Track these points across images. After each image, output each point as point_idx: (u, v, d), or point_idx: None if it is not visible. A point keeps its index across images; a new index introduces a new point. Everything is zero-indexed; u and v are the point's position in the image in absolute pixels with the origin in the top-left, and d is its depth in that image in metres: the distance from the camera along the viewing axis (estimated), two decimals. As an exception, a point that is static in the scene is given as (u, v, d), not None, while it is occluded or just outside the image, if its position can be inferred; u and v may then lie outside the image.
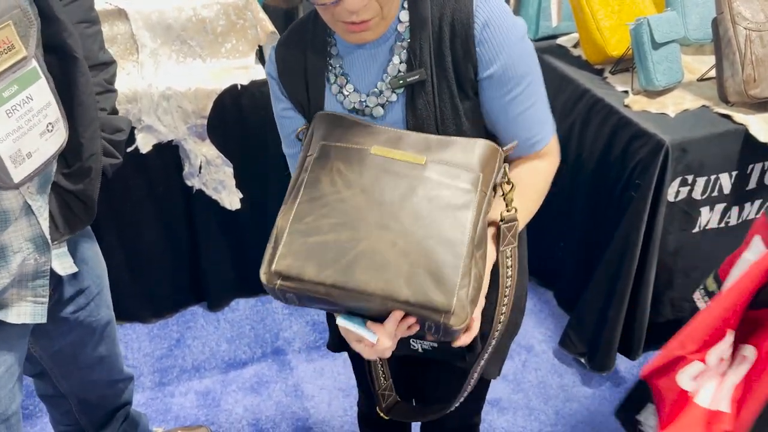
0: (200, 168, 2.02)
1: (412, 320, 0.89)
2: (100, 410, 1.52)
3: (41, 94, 0.95)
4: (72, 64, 1.01)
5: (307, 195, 0.92)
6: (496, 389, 2.02)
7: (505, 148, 0.96)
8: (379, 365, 1.17)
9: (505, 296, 1.03)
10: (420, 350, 1.10)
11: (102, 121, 1.15)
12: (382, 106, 0.99)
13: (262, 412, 1.97)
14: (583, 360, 2.09)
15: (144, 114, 1.88)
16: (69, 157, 1.06)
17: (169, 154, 1.99)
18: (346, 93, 1.01)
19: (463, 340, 0.91)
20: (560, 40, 2.26)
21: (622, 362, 2.07)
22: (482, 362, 1.07)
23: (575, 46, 2.21)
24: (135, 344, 2.20)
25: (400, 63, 0.98)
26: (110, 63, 1.20)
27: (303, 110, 1.05)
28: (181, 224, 2.14)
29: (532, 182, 1.04)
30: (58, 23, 0.98)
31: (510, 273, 1.02)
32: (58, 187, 1.07)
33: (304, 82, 1.03)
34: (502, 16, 0.94)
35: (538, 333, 2.23)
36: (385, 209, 0.89)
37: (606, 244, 1.95)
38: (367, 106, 1.00)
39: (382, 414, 1.19)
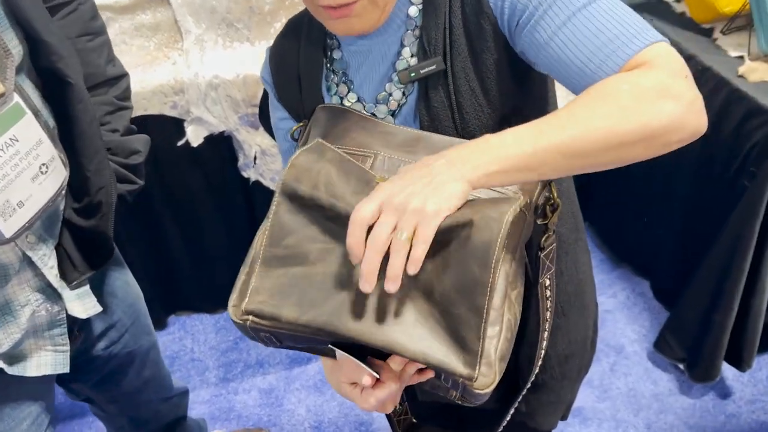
0: (255, 158, 1.90)
1: (425, 371, 0.71)
2: (153, 425, 1.47)
3: (29, 132, 0.82)
4: (66, 91, 0.88)
5: (287, 205, 0.72)
6: (578, 396, 1.82)
7: None
8: None
9: (546, 330, 0.84)
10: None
11: (114, 144, 1.03)
12: (393, 113, 0.80)
13: (324, 413, 1.88)
14: (681, 366, 1.84)
15: (192, 105, 1.77)
16: (76, 192, 0.94)
17: (222, 145, 1.88)
18: (347, 104, 0.82)
19: None
20: (660, -6, 1.94)
21: (728, 371, 1.81)
22: (516, 403, 0.90)
23: (678, 0, 1.88)
24: (201, 336, 2.16)
25: (411, 56, 0.78)
26: (121, 77, 1.06)
27: (298, 118, 0.88)
28: (241, 216, 2.05)
29: (598, 87, 0.65)
30: (45, 46, 0.85)
31: (549, 305, 0.83)
32: (70, 224, 0.96)
33: (298, 92, 0.85)
34: None
35: (630, 331, 1.99)
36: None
37: (712, 236, 1.68)
38: (373, 116, 0.81)
39: None
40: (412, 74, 0.76)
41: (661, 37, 0.66)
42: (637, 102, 0.61)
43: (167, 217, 1.97)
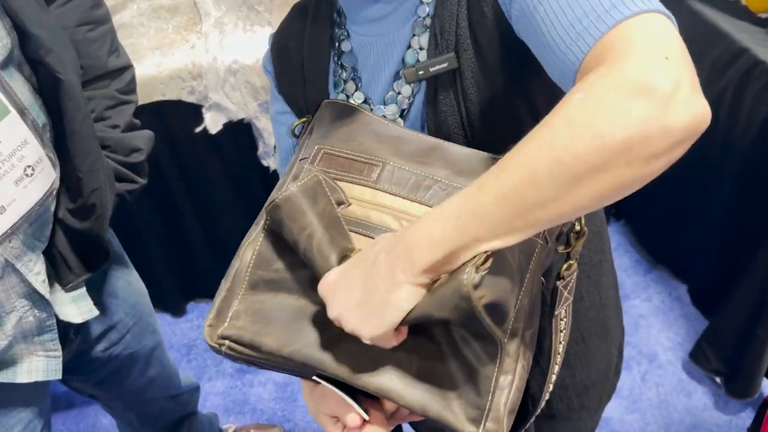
0: (275, 147, 1.83)
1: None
2: (162, 421, 1.44)
3: (12, 132, 0.77)
4: (56, 87, 0.82)
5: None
6: (606, 406, 1.74)
7: None
8: None
9: (557, 363, 0.75)
10: None
11: (114, 141, 0.97)
12: (402, 113, 0.71)
13: (342, 412, 1.84)
14: (718, 380, 1.73)
15: (210, 91, 1.70)
16: (70, 192, 0.89)
17: (241, 132, 1.82)
18: (354, 103, 0.73)
19: None
20: (713, -20, 1.79)
21: (768, 388, 1.70)
22: None
23: (733, -14, 1.74)
24: (220, 325, 2.13)
25: (420, 49, 0.68)
26: (124, 69, 1.00)
27: (299, 113, 0.80)
28: (260, 205, 1.98)
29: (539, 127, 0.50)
30: (32, 39, 0.79)
31: (563, 337, 0.74)
32: (65, 225, 0.91)
33: (301, 77, 0.77)
34: None
35: (664, 338, 1.89)
36: None
37: (758, 240, 1.56)
38: (383, 117, 0.72)
39: None
40: (420, 72, 0.67)
41: (646, 6, 0.49)
42: (592, 112, 0.44)
43: (186, 204, 1.93)
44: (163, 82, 1.69)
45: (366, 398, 0.64)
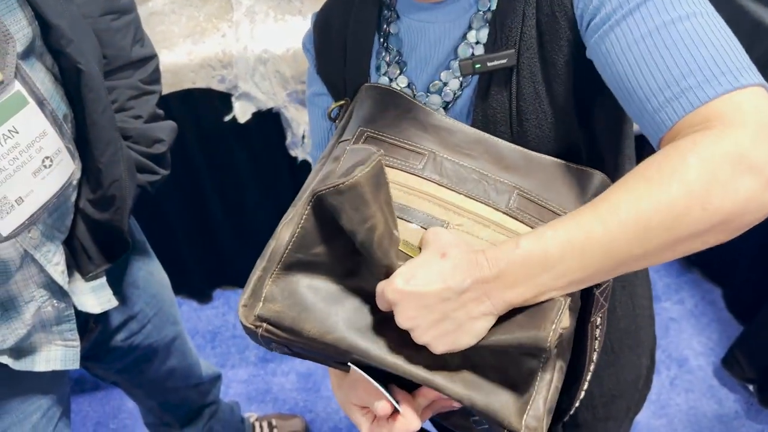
0: (303, 137, 1.83)
1: (455, 404, 0.62)
2: (183, 409, 1.45)
3: (31, 123, 0.77)
4: (77, 78, 0.82)
5: None
6: (633, 410, 1.70)
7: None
8: None
9: (590, 371, 0.73)
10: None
11: (136, 132, 0.97)
12: (446, 106, 0.69)
13: (362, 405, 1.83)
14: (751, 388, 1.68)
15: (240, 80, 1.70)
16: (91, 183, 0.89)
17: (270, 122, 1.81)
18: (396, 88, 0.71)
19: None
20: (761, -29, 1.71)
21: (805, 399, 1.64)
22: None
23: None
24: (245, 312, 2.14)
25: (476, 43, 0.66)
26: (149, 59, 1.00)
27: (336, 95, 0.78)
28: (288, 194, 1.98)
29: (640, 167, 0.52)
30: (53, 29, 0.79)
31: (597, 346, 0.72)
32: (85, 216, 0.91)
33: (342, 59, 0.75)
34: None
35: (696, 343, 1.83)
36: None
37: (799, 248, 1.50)
38: (425, 106, 0.70)
39: None
40: (477, 65, 0.64)
41: (756, 80, 0.50)
42: (707, 183, 0.47)
43: (213, 192, 1.93)
44: (193, 70, 1.69)
45: (398, 390, 0.62)
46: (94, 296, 0.95)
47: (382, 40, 0.73)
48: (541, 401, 0.59)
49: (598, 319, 0.71)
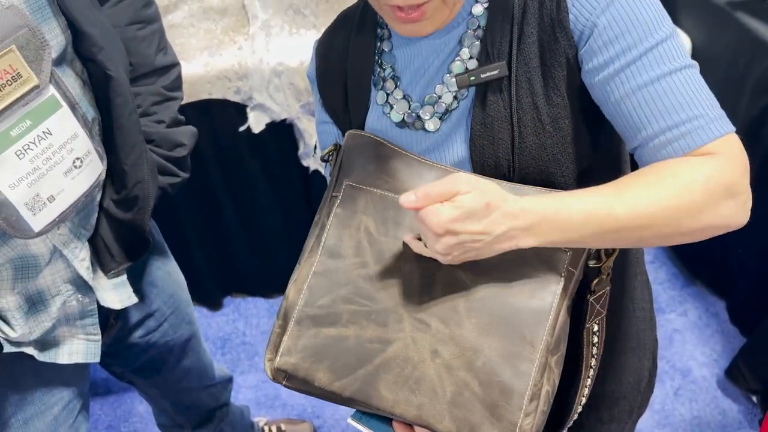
0: (315, 148, 1.87)
1: None
2: (195, 410, 1.48)
3: (64, 125, 0.82)
4: (105, 83, 0.87)
5: (324, 263, 0.71)
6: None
7: None
8: None
9: (589, 377, 0.78)
10: None
11: (159, 136, 1.02)
12: (441, 117, 0.73)
13: (370, 411, 1.86)
14: (755, 399, 1.70)
15: (255, 92, 1.75)
16: (115, 183, 0.94)
17: (283, 133, 1.86)
18: (392, 102, 0.76)
19: None
20: (761, -10, 1.76)
21: (808, 410, 1.65)
22: None
23: (784, -2, 1.70)
24: (254, 320, 2.17)
25: (469, 59, 0.71)
26: (171, 66, 1.05)
27: (338, 123, 0.82)
28: (299, 204, 2.04)
29: (656, 169, 0.63)
30: (85, 37, 0.84)
31: (596, 351, 0.77)
32: (109, 215, 0.96)
33: (342, 85, 0.80)
34: None
35: (699, 354, 1.85)
36: (425, 298, 0.66)
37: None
38: (418, 118, 0.74)
39: None
40: (472, 78, 0.70)
41: (732, 128, 0.64)
42: (707, 202, 0.61)
43: (226, 200, 1.98)
44: (210, 81, 1.75)
45: (400, 425, 0.69)
46: (116, 293, 1.00)
47: (377, 57, 0.77)
48: (528, 427, 0.63)
49: (595, 326, 0.75)
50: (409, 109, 0.75)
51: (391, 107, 0.76)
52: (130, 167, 0.92)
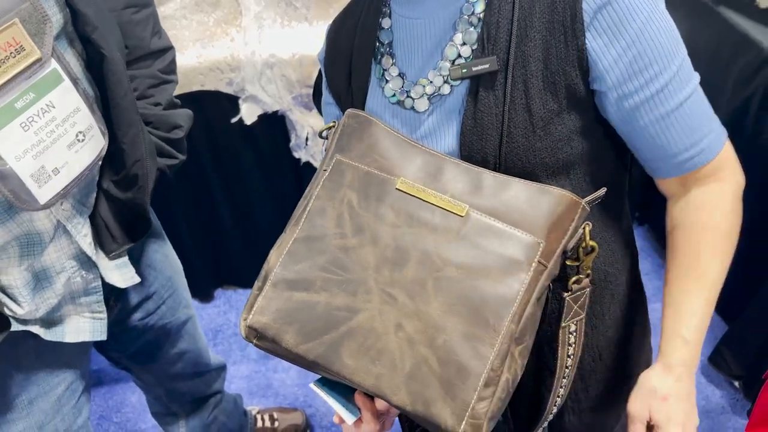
0: (307, 139, 1.89)
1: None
2: (189, 397, 1.49)
3: (66, 99, 0.83)
4: (100, 62, 0.88)
5: (306, 231, 0.73)
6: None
7: (588, 199, 0.69)
8: None
9: (564, 377, 0.79)
10: None
11: (156, 118, 1.03)
12: (429, 98, 0.75)
13: (361, 400, 1.88)
14: (737, 384, 1.74)
15: (247, 83, 1.77)
16: (114, 163, 0.95)
17: (275, 124, 1.88)
18: (388, 77, 0.78)
19: None
20: (743, -13, 1.81)
21: (789, 394, 1.69)
22: None
23: (764, -6, 1.75)
24: (246, 312, 2.19)
25: (462, 45, 0.72)
26: (166, 50, 1.06)
27: (340, 104, 0.84)
28: (291, 195, 2.05)
29: (715, 226, 0.75)
30: (81, 16, 0.85)
31: (572, 351, 0.77)
32: (109, 196, 0.97)
33: (347, 66, 0.82)
34: None
35: (683, 342, 1.89)
36: (397, 274, 0.68)
37: (782, 249, 1.57)
38: (408, 96, 0.76)
39: None
40: (464, 71, 0.71)
41: (724, 132, 0.74)
42: (736, 235, 0.76)
43: (218, 192, 1.99)
44: (202, 72, 1.76)
45: (361, 396, 0.72)
46: (119, 272, 1.01)
47: (378, 33, 0.79)
48: (482, 411, 0.64)
49: (572, 326, 0.76)
50: (403, 86, 0.77)
51: (386, 81, 0.78)
52: (128, 146, 0.93)
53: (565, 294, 0.73)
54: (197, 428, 1.52)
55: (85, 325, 0.99)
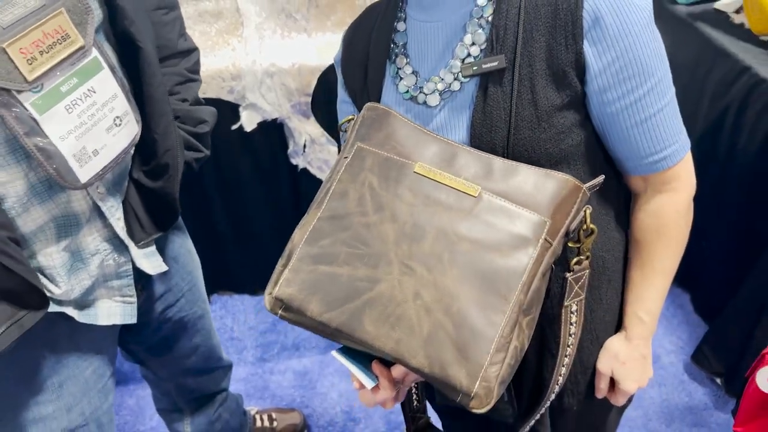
0: (305, 146, 1.95)
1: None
2: (196, 393, 1.51)
3: (105, 85, 0.88)
4: (136, 55, 0.94)
5: (330, 210, 0.78)
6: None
7: (589, 185, 0.76)
8: (413, 386, 1.02)
9: (566, 356, 0.85)
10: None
11: (183, 113, 1.09)
12: (440, 94, 0.82)
13: (356, 399, 1.91)
14: (719, 381, 1.82)
15: (248, 91, 1.83)
16: (145, 153, 1.00)
17: (274, 132, 1.94)
18: (402, 75, 0.84)
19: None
20: (718, 5, 1.93)
21: (767, 388, 1.78)
22: (532, 421, 0.92)
23: (737, 11, 1.87)
24: (242, 316, 2.21)
25: (472, 45, 0.79)
26: (192, 50, 1.12)
27: (356, 102, 0.90)
28: (287, 201, 2.11)
29: (666, 231, 0.86)
30: (120, 11, 0.91)
31: (573, 330, 0.84)
32: (139, 185, 1.01)
33: (363, 67, 0.88)
34: (621, 2, 0.73)
35: (667, 342, 1.97)
36: (415, 248, 0.73)
37: (759, 251, 1.66)
38: (421, 92, 0.83)
39: None
40: (474, 68, 0.78)
41: (688, 144, 0.84)
42: (685, 228, 0.87)
43: (216, 197, 2.03)
44: (205, 81, 1.82)
45: (378, 365, 0.77)
46: (147, 260, 1.05)
47: (393, 36, 0.86)
48: (493, 375, 0.69)
49: (574, 306, 0.83)
50: (416, 83, 0.83)
51: (401, 79, 0.84)
52: (160, 135, 0.98)
53: (568, 274, 0.80)
54: (202, 425, 1.54)
55: (117, 309, 1.02)
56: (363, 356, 0.78)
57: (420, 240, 0.73)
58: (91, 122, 0.86)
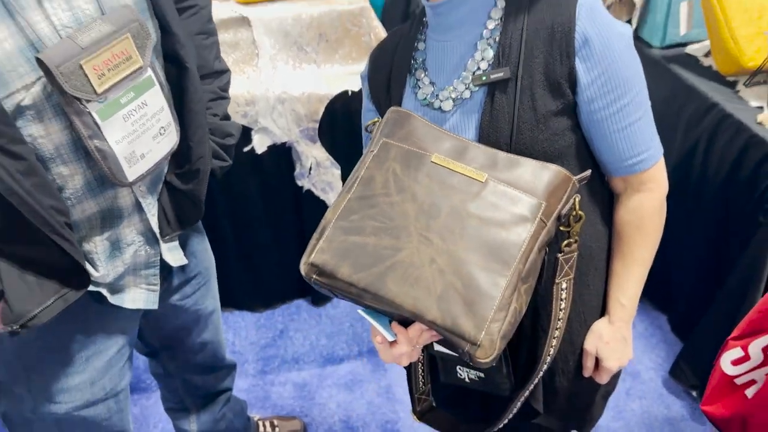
0: (310, 169, 2.09)
1: (436, 334, 0.87)
2: (202, 391, 1.62)
3: (155, 100, 1.02)
4: (183, 73, 1.08)
5: (359, 192, 0.90)
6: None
7: (578, 177, 0.90)
8: (420, 368, 1.14)
9: (557, 329, 0.99)
10: (466, 380, 1.06)
11: (213, 126, 1.23)
12: (453, 100, 0.97)
13: (353, 409, 2.01)
14: (695, 393, 1.94)
15: (260, 116, 1.98)
16: (180, 159, 1.14)
17: (282, 155, 2.08)
18: (421, 86, 0.99)
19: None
20: (689, 49, 2.12)
21: (739, 400, 1.90)
22: (526, 392, 1.03)
23: (706, 55, 2.05)
24: (243, 332, 2.32)
25: (481, 60, 0.94)
26: (224, 71, 1.27)
27: (380, 109, 1.05)
28: (290, 221, 2.23)
29: (644, 226, 1.01)
30: (173, 36, 1.06)
31: (563, 306, 0.98)
32: (170, 187, 1.15)
33: (386, 79, 1.03)
34: (606, 28, 0.89)
35: (647, 359, 2.10)
36: (431, 222, 0.86)
37: (727, 272, 1.80)
38: (437, 99, 0.97)
39: (415, 417, 1.18)
40: (483, 78, 0.93)
41: (661, 149, 0.99)
42: (659, 225, 1.03)
43: (224, 214, 2.15)
44: (220, 106, 1.96)
45: (397, 325, 0.89)
46: (170, 254, 1.18)
47: (414, 53, 1.02)
48: (496, 330, 0.82)
49: (564, 283, 0.97)
50: (433, 92, 0.99)
51: (419, 88, 1.00)
52: (196, 144, 1.12)
53: (559, 255, 0.94)
54: (208, 422, 1.64)
55: (141, 295, 1.15)
56: (383, 317, 0.90)
57: (436, 216, 0.86)
58: (141, 130, 1.00)
